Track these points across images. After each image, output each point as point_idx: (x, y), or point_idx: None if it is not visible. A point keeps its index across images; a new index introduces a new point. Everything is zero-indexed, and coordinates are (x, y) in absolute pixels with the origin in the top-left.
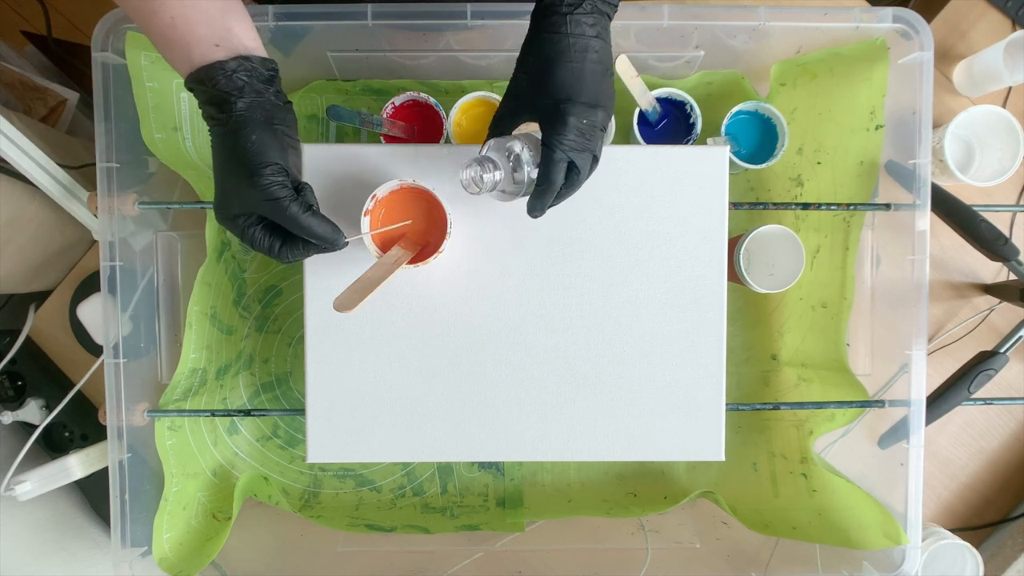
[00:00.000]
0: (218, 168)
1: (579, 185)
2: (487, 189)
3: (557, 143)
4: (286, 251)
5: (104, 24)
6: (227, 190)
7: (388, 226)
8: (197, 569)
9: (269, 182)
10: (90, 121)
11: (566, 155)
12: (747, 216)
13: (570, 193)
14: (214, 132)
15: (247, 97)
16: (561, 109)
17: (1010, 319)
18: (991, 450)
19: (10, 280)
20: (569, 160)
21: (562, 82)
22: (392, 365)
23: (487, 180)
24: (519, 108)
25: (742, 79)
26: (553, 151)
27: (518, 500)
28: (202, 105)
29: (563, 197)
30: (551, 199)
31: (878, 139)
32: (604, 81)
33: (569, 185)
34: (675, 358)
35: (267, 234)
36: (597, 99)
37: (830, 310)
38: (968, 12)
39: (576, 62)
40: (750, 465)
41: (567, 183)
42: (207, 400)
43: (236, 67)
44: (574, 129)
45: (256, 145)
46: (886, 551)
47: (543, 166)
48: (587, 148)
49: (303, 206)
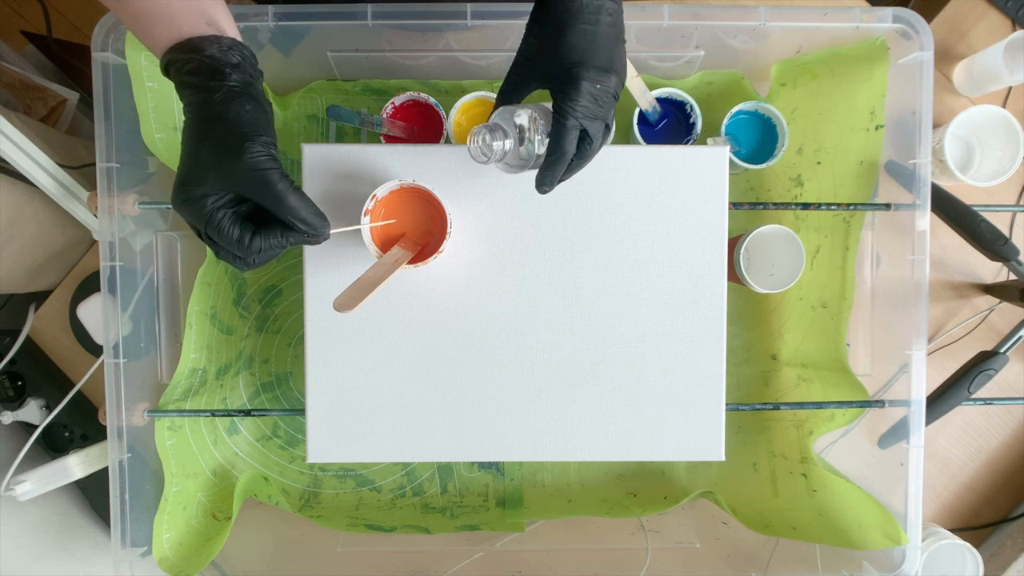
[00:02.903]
0: (195, 138)
1: (591, 157)
2: (496, 158)
3: (570, 110)
4: (259, 241)
5: (104, 24)
6: (203, 163)
7: (375, 222)
8: (197, 569)
9: (260, 151)
10: (90, 121)
11: (579, 122)
12: (747, 216)
13: (581, 165)
14: (198, 100)
15: (241, 74)
16: (574, 74)
17: (1010, 319)
18: (991, 450)
19: (10, 280)
20: (582, 128)
21: (575, 45)
22: (392, 365)
23: (496, 148)
24: (528, 75)
25: (742, 79)
26: (566, 118)
27: (518, 500)
28: (186, 75)
29: (574, 170)
30: (562, 170)
31: (878, 139)
32: (618, 46)
33: (581, 156)
34: (675, 358)
35: (237, 221)
36: (611, 63)
37: (830, 310)
38: (968, 12)
39: (590, 24)
40: (750, 465)
41: (579, 153)
42: (207, 400)
43: (231, 45)
44: (587, 95)
45: (250, 115)
46: (886, 551)
47: (555, 134)
48: (599, 116)
49: (291, 182)
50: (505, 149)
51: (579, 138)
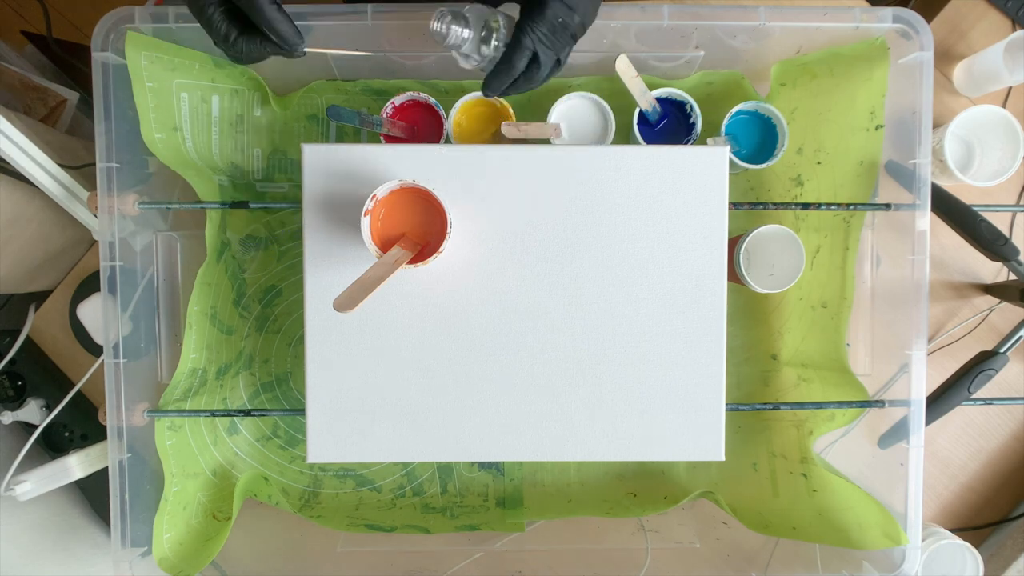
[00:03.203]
0: None
1: (537, 82)
2: (451, 43)
3: (529, 30)
4: (241, 42)
5: (104, 24)
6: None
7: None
8: (197, 569)
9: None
10: (90, 121)
11: (533, 45)
12: (747, 216)
13: (528, 87)
14: None
15: None
16: (544, 1)
17: (1010, 319)
18: (991, 450)
19: (10, 280)
20: (534, 51)
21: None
22: (392, 365)
23: (453, 32)
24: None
25: (742, 79)
26: (522, 36)
27: (518, 500)
28: None
29: (518, 88)
30: (506, 83)
31: (878, 139)
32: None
33: (528, 78)
34: (675, 358)
35: (226, 20)
36: (577, 4)
37: (830, 310)
38: (968, 12)
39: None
40: (750, 465)
41: (526, 74)
42: (207, 400)
43: None
44: (548, 22)
45: None
46: (886, 551)
47: (509, 47)
48: (553, 47)
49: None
50: (464, 37)
51: (530, 59)
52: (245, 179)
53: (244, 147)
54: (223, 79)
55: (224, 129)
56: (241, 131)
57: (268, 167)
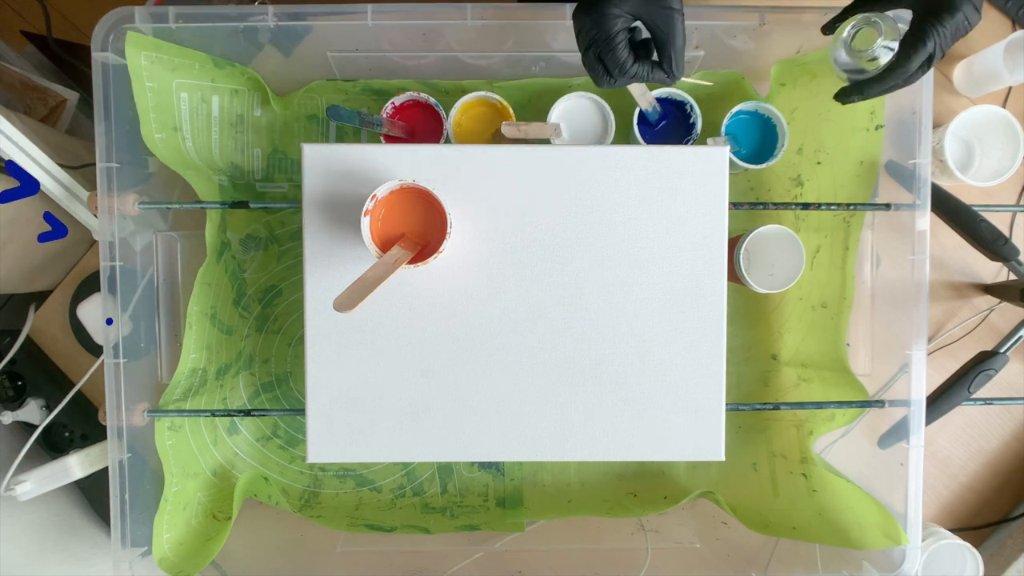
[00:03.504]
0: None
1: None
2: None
3: (935, 33)
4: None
5: (104, 24)
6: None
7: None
8: (197, 569)
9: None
10: (90, 121)
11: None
12: (747, 216)
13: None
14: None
15: None
16: (955, 3)
17: (1010, 319)
18: (991, 450)
19: (10, 280)
20: (931, 54)
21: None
22: (392, 365)
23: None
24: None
25: (742, 79)
26: (927, 39)
27: (518, 500)
28: None
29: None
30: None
31: (878, 139)
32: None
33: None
34: (675, 358)
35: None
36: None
37: (830, 310)
38: None
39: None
40: (750, 465)
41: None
42: (207, 400)
43: None
44: (954, 25)
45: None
46: (886, 551)
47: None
48: (946, 47)
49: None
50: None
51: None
52: (245, 179)
53: (244, 147)
54: (223, 79)
55: (224, 129)
56: (241, 131)
57: (268, 167)
